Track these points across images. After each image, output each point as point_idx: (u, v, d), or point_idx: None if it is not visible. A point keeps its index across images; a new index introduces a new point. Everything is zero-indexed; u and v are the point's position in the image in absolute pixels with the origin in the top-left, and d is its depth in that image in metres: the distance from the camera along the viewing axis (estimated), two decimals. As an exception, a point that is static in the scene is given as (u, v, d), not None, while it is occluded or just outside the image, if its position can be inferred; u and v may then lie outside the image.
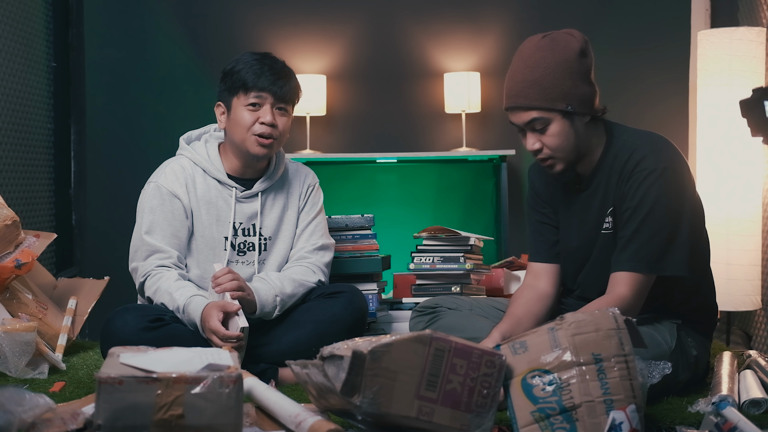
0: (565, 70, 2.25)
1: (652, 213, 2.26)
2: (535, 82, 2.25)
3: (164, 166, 2.72)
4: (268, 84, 2.60)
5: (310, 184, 2.81)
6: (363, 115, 4.66)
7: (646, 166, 2.27)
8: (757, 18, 3.62)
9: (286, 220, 2.75)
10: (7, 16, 3.72)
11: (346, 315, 2.67)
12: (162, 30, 4.60)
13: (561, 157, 2.31)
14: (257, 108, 2.61)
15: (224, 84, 2.67)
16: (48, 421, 1.84)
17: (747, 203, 3.46)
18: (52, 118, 4.16)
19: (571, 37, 2.29)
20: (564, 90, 2.25)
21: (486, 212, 4.59)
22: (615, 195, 2.33)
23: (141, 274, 2.62)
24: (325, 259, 2.76)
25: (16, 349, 2.59)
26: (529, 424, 1.82)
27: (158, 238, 2.63)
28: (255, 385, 2.06)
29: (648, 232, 2.26)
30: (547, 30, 2.34)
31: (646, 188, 2.26)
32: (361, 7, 4.64)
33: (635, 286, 2.27)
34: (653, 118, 4.38)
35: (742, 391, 2.25)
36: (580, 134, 2.30)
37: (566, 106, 2.26)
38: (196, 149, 2.73)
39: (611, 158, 2.34)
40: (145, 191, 2.69)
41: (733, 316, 3.69)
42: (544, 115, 2.26)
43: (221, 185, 2.70)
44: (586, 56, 2.29)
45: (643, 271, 2.27)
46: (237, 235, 2.70)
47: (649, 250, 2.26)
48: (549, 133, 2.28)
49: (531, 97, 2.26)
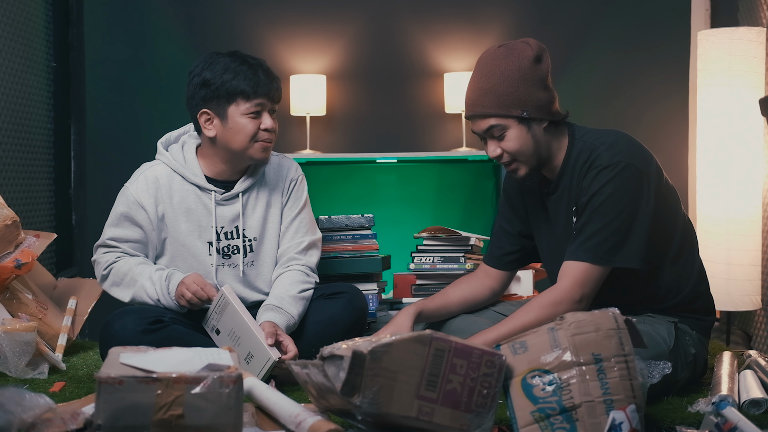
0: (519, 78, 2.31)
1: (603, 206, 2.29)
2: (490, 90, 2.32)
3: (139, 173, 2.70)
4: (266, 90, 2.59)
5: (293, 178, 2.76)
6: (363, 115, 4.66)
7: (601, 162, 2.31)
8: (757, 18, 3.62)
9: (270, 219, 2.72)
10: (7, 16, 3.72)
11: (346, 315, 2.67)
12: (162, 30, 4.60)
13: (523, 161, 2.37)
14: (258, 115, 2.60)
15: (207, 91, 2.60)
16: (48, 421, 1.85)
17: (747, 203, 3.46)
18: (52, 118, 4.16)
19: (527, 45, 2.35)
20: (519, 97, 2.31)
21: (486, 212, 4.59)
22: (577, 193, 2.37)
23: (103, 266, 2.67)
24: (314, 258, 2.75)
25: (16, 349, 2.59)
26: (529, 424, 1.82)
27: (121, 242, 2.67)
28: (255, 385, 2.06)
29: (597, 224, 2.29)
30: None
31: (600, 182, 2.30)
32: (361, 7, 4.64)
33: (580, 276, 2.29)
34: (653, 118, 4.38)
35: (742, 391, 2.25)
36: (538, 139, 2.35)
37: (522, 112, 2.31)
38: (174, 154, 2.70)
39: (573, 159, 2.38)
40: (121, 193, 2.70)
41: (733, 316, 3.69)
42: (500, 122, 2.33)
43: (200, 190, 2.67)
44: (540, 62, 2.33)
45: (590, 261, 2.29)
46: (220, 240, 2.67)
47: (596, 241, 2.28)
48: (507, 139, 2.34)
49: (487, 105, 2.32)
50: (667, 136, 4.24)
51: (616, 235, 2.28)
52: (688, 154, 4.19)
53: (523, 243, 2.60)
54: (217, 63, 2.61)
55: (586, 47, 4.47)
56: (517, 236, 2.59)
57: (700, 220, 3.58)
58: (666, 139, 4.30)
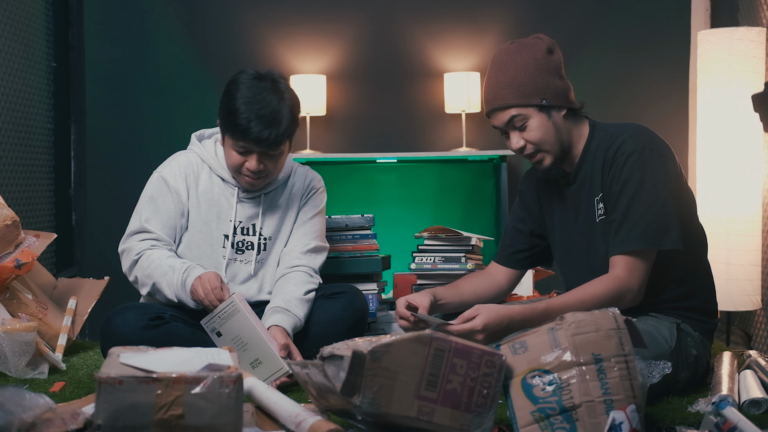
0: (535, 67, 2.35)
1: (639, 192, 2.30)
2: (508, 83, 2.35)
3: (172, 159, 2.77)
4: (255, 134, 2.52)
5: (314, 187, 2.80)
6: (363, 115, 4.66)
7: (626, 149, 2.33)
8: (757, 18, 3.62)
9: (286, 221, 2.76)
10: (7, 16, 3.72)
11: (347, 315, 2.68)
12: (162, 30, 4.60)
13: (547, 150, 2.38)
14: (244, 154, 2.59)
15: (221, 108, 2.61)
16: (48, 421, 1.84)
17: (747, 203, 3.46)
18: (52, 118, 4.17)
19: (538, 39, 2.41)
20: (537, 85, 2.35)
21: (486, 212, 4.59)
22: (602, 182, 2.38)
23: (135, 252, 2.65)
24: (317, 261, 2.76)
25: (16, 349, 2.59)
26: (529, 424, 1.82)
27: (154, 226, 2.67)
28: (255, 385, 2.07)
29: (638, 211, 2.30)
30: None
31: (629, 169, 2.31)
32: (361, 7, 4.64)
33: (634, 266, 2.29)
34: (653, 118, 4.38)
35: (742, 391, 2.25)
36: (559, 126, 2.38)
37: (541, 99, 2.35)
38: (206, 147, 2.76)
39: (594, 148, 2.41)
40: (150, 180, 2.74)
41: (733, 316, 3.69)
42: (521, 112, 2.36)
43: (225, 183, 2.71)
44: (553, 53, 2.40)
45: (640, 247, 2.29)
46: (236, 234, 2.70)
47: (642, 227, 2.29)
48: (529, 129, 2.37)
49: (507, 97, 2.35)
50: (667, 136, 4.18)
51: (660, 217, 2.29)
52: (688, 154, 4.19)
53: (534, 242, 2.62)
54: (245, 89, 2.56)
55: (586, 47, 4.47)
56: (529, 235, 2.61)
57: (700, 220, 3.57)
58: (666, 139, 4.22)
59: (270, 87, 2.57)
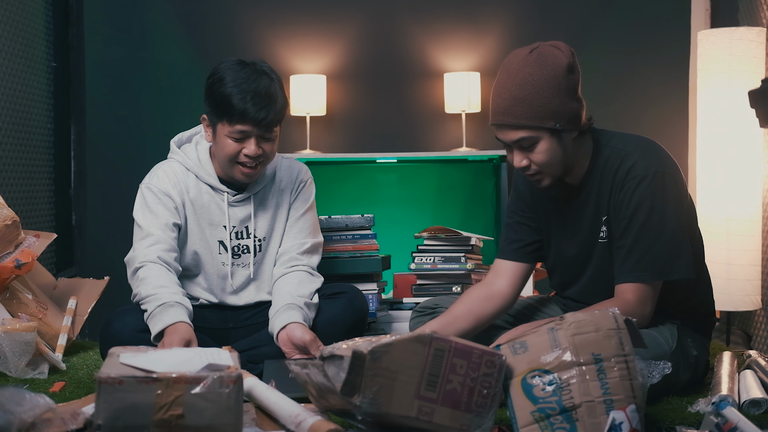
0: (554, 88, 2.21)
1: (650, 219, 2.25)
2: (523, 100, 2.21)
3: (156, 169, 2.72)
4: (252, 114, 2.51)
5: (302, 179, 2.77)
6: (363, 115, 4.66)
7: (637, 173, 2.26)
8: (757, 18, 3.62)
9: (278, 219, 2.74)
10: (7, 16, 3.72)
11: (347, 315, 2.68)
12: (162, 30, 4.60)
13: (549, 173, 2.29)
14: (241, 140, 2.56)
15: (209, 98, 2.59)
16: (48, 421, 1.84)
17: (747, 203, 3.46)
18: (52, 118, 4.16)
19: (559, 51, 2.25)
20: (552, 108, 2.21)
21: (486, 212, 4.59)
22: (609, 204, 2.32)
23: (138, 260, 2.58)
24: (315, 260, 2.75)
25: (16, 349, 2.59)
26: (529, 424, 1.82)
27: (155, 229, 2.61)
28: (255, 385, 2.07)
29: (648, 240, 2.24)
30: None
31: (640, 195, 2.25)
32: (361, 7, 4.64)
33: (643, 293, 2.25)
34: (653, 118, 4.38)
35: (742, 391, 2.25)
36: (567, 150, 2.28)
37: (555, 124, 2.23)
38: (187, 153, 2.71)
39: (601, 165, 2.33)
40: (138, 196, 2.69)
41: (733, 316, 3.69)
42: (532, 134, 2.23)
43: (213, 190, 2.69)
44: (573, 72, 2.25)
45: (649, 279, 2.25)
46: (231, 239, 2.69)
47: (652, 257, 2.24)
48: (537, 151, 2.25)
49: (519, 116, 2.22)
50: (667, 136, 4.23)
51: (670, 246, 2.24)
52: (688, 154, 4.19)
53: (541, 235, 2.51)
54: (225, 75, 2.56)
55: (586, 47, 4.47)
56: (535, 227, 2.50)
57: (700, 220, 3.57)
58: (666, 139, 4.28)
59: (257, 69, 2.58)
